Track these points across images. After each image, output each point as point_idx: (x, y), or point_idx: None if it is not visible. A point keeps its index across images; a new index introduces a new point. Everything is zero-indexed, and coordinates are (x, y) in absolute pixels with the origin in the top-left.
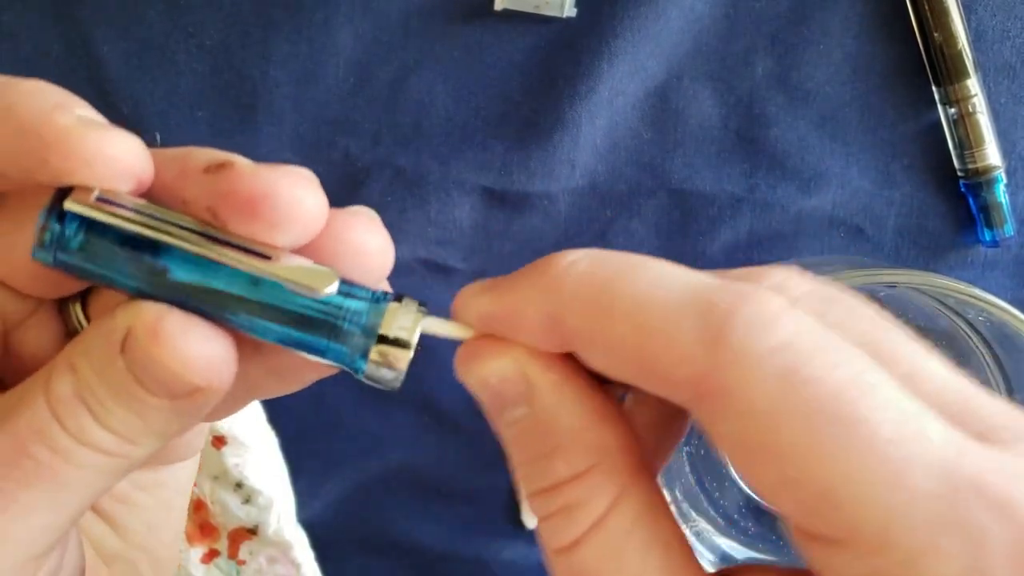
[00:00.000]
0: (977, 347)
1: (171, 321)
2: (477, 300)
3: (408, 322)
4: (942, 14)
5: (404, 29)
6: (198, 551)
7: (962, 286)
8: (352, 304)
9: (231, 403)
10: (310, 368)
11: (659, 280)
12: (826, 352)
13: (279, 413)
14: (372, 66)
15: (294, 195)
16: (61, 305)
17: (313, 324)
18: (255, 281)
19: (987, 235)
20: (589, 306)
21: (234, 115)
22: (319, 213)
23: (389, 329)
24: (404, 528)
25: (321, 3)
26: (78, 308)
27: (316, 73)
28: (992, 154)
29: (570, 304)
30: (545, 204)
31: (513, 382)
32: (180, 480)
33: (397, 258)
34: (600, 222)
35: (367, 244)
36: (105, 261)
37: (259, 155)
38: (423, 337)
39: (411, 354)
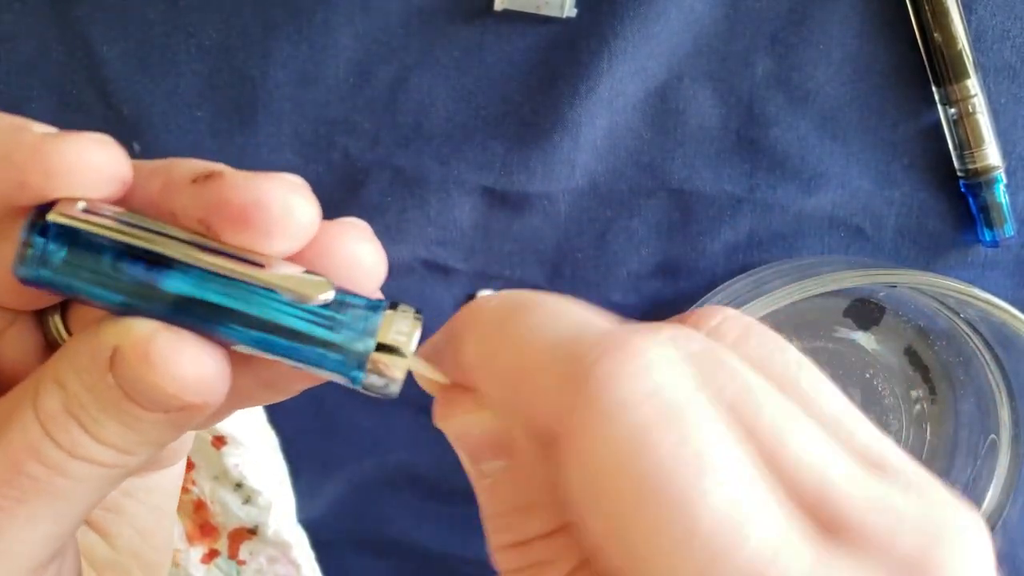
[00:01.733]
0: (977, 347)
1: (161, 342)
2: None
3: (405, 328)
4: (942, 14)
5: (404, 29)
6: (198, 551)
7: (962, 286)
8: (347, 313)
9: (220, 413)
10: (300, 378)
11: (550, 321)
12: (682, 419)
13: (279, 413)
14: (372, 66)
15: (287, 202)
16: (40, 316)
17: (308, 334)
18: (249, 290)
19: (987, 235)
20: (482, 339)
21: (234, 115)
22: (312, 219)
23: (386, 337)
24: (404, 528)
25: (321, 3)
26: (58, 320)
27: (316, 73)
28: (992, 154)
29: (467, 337)
30: (545, 204)
31: (495, 435)
32: (168, 484)
33: (397, 258)
34: (600, 222)
35: (360, 255)
36: (90, 276)
37: (259, 155)
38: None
39: (407, 362)
